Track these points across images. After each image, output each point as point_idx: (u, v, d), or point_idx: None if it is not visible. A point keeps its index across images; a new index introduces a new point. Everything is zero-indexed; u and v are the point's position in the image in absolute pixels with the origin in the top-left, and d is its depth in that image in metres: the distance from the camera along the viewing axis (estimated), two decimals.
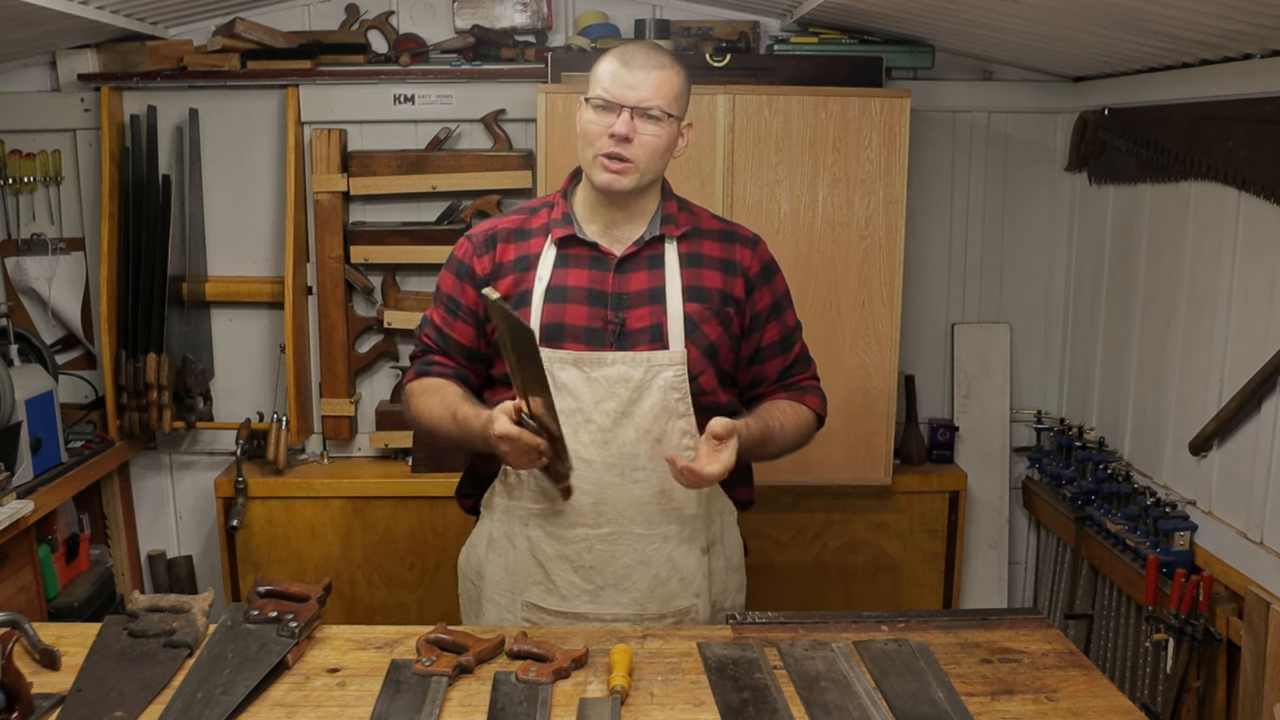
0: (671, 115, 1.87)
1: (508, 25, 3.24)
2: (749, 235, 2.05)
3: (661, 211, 1.97)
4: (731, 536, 2.10)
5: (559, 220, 1.96)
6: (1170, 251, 2.81)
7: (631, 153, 1.85)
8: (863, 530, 3.31)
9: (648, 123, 1.85)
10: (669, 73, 1.87)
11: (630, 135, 1.84)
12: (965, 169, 3.40)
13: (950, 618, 1.98)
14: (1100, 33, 2.48)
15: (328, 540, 3.27)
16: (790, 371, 2.06)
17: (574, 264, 1.94)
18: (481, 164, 3.25)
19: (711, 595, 2.03)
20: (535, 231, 1.99)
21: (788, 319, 2.06)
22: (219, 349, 3.44)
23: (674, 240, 1.96)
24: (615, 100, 1.84)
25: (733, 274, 1.98)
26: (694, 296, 1.94)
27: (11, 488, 2.73)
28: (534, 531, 1.99)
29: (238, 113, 3.29)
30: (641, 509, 1.95)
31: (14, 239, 3.30)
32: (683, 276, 1.95)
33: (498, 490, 2.04)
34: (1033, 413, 3.46)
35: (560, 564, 1.97)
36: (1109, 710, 1.59)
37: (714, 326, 1.95)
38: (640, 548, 1.96)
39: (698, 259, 1.97)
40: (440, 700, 1.57)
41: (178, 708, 1.52)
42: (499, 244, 1.99)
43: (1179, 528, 2.61)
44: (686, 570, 2.00)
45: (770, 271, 2.04)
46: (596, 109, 1.87)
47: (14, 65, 3.24)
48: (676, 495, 1.96)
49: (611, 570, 1.96)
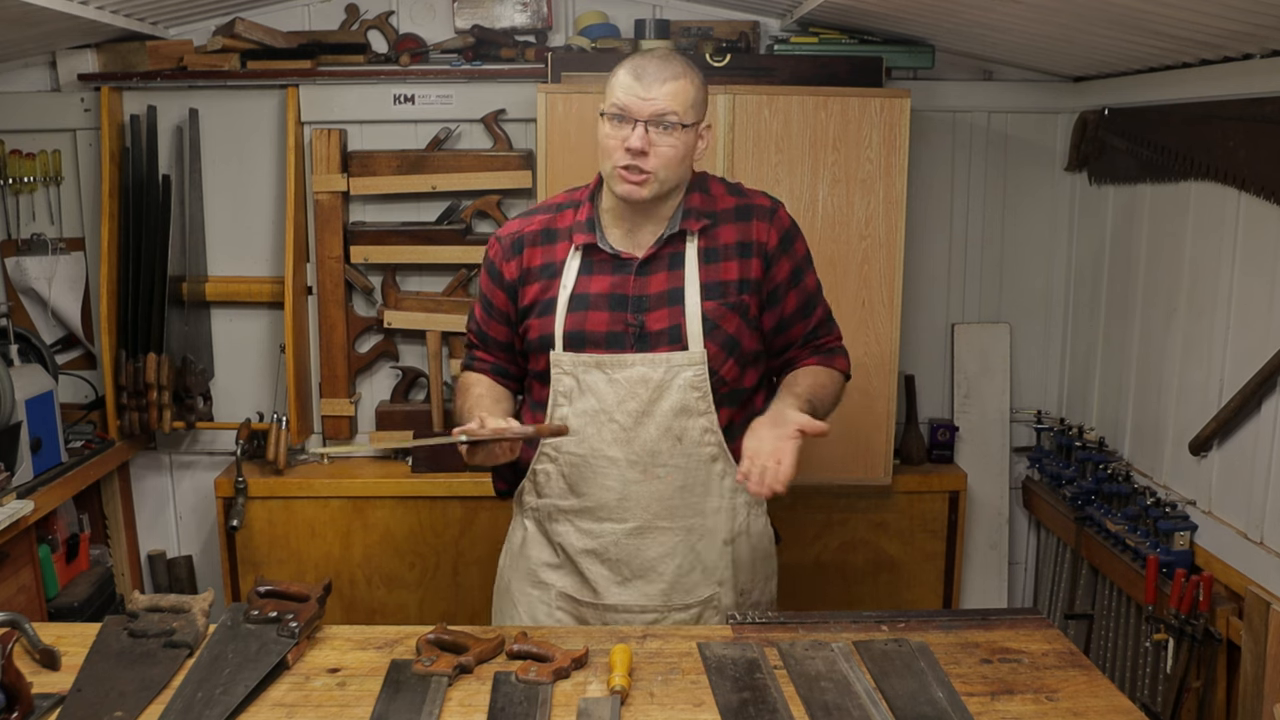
0: (687, 125, 1.90)
1: (508, 25, 3.24)
2: (766, 205, 2.04)
3: (684, 205, 1.99)
4: (758, 526, 2.12)
5: (583, 225, 2.00)
6: (1170, 251, 2.81)
7: (649, 164, 1.88)
8: (863, 530, 3.31)
9: (663, 133, 1.88)
10: (682, 82, 1.89)
11: (645, 148, 1.87)
12: (965, 169, 3.40)
13: (950, 618, 1.98)
14: (1100, 33, 2.48)
15: (328, 540, 3.26)
16: (815, 335, 2.09)
17: (597, 270, 1.98)
18: (481, 164, 3.25)
19: (738, 585, 2.08)
20: (561, 234, 2.02)
21: (808, 283, 2.07)
22: (219, 349, 3.44)
23: (694, 235, 1.99)
24: (629, 113, 1.87)
25: (748, 255, 2.00)
26: (711, 293, 1.97)
27: (11, 488, 2.73)
28: (563, 527, 2.05)
29: (238, 113, 3.29)
30: (665, 504, 2.00)
31: (14, 239, 3.30)
32: (701, 274, 1.97)
33: (527, 489, 2.10)
34: (1033, 413, 3.46)
35: (589, 558, 2.04)
36: (1109, 710, 1.59)
37: (732, 319, 1.98)
38: (665, 540, 2.02)
39: (715, 253, 2.00)
40: (440, 700, 1.57)
41: (178, 708, 1.52)
42: (525, 248, 2.03)
43: (1179, 528, 2.61)
44: (709, 561, 2.05)
45: (789, 239, 2.04)
46: (612, 122, 1.89)
47: (14, 65, 3.24)
48: (697, 490, 2.01)
49: (638, 563, 2.03)
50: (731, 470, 2.03)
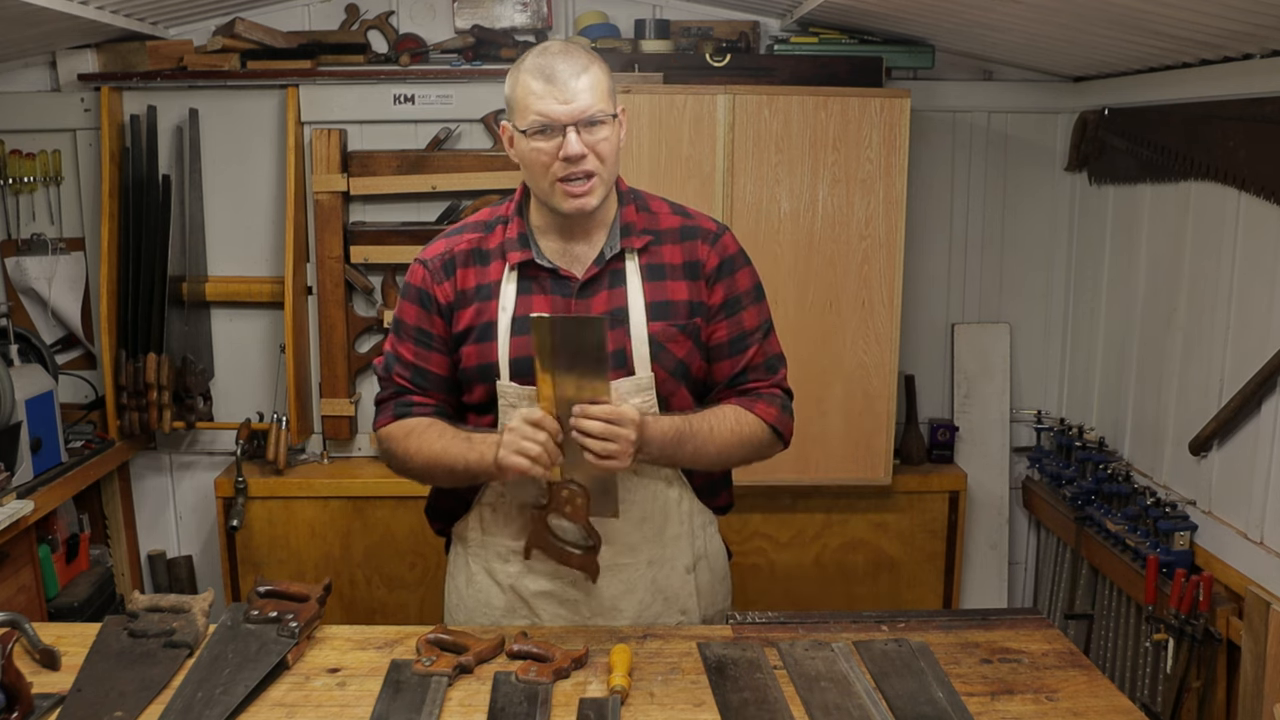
0: (614, 115, 1.77)
1: (508, 25, 3.24)
2: (710, 229, 1.89)
3: (620, 220, 1.85)
4: (714, 546, 2.02)
5: (515, 242, 1.84)
6: (1170, 251, 2.81)
7: (591, 166, 1.74)
8: (863, 530, 3.31)
9: (594, 129, 1.73)
10: (594, 70, 1.75)
11: (584, 151, 1.72)
12: (965, 169, 3.40)
13: (950, 618, 1.98)
14: (1100, 33, 2.48)
15: (328, 540, 3.26)
16: (744, 377, 1.89)
17: (536, 290, 1.82)
18: (481, 164, 3.25)
19: (701, 610, 1.98)
20: (493, 253, 1.86)
21: (744, 319, 1.88)
22: (219, 349, 3.44)
23: (635, 253, 1.84)
24: (554, 120, 1.71)
25: (696, 277, 1.86)
26: (659, 314, 1.83)
27: (11, 488, 2.73)
28: (514, 568, 1.91)
29: (238, 113, 3.28)
30: (625, 539, 1.88)
31: (14, 239, 3.30)
32: (645, 292, 1.82)
33: (471, 524, 1.95)
34: (1033, 413, 3.46)
35: (545, 600, 1.91)
36: (1109, 710, 1.59)
37: (681, 343, 1.84)
38: (625, 577, 1.90)
39: (660, 270, 1.85)
40: (440, 700, 1.57)
41: (178, 708, 1.52)
42: (458, 269, 1.86)
43: (1179, 528, 2.61)
44: (670, 591, 1.94)
45: (729, 267, 1.87)
46: (536, 135, 1.72)
47: (14, 65, 3.24)
48: (657, 520, 1.90)
49: (597, 602, 1.90)
50: (689, 495, 1.94)
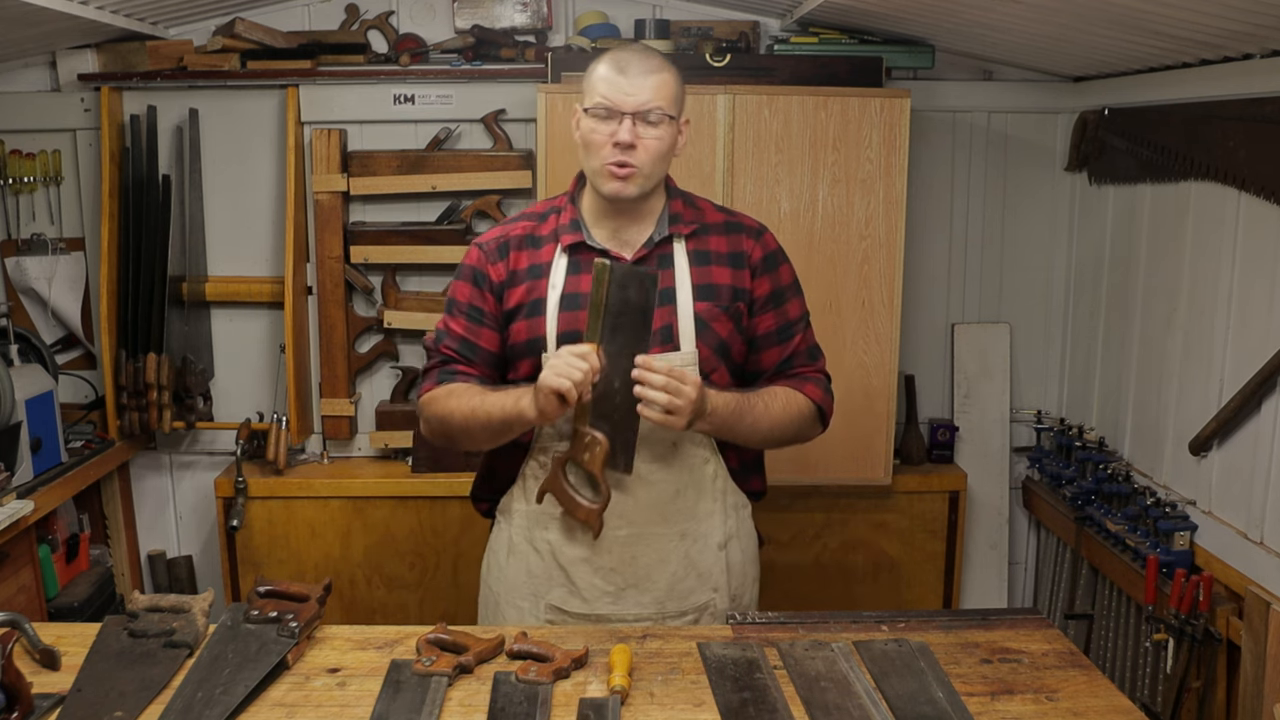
0: (672, 117, 1.90)
1: (508, 25, 3.24)
2: (753, 225, 2.06)
3: (668, 210, 1.99)
4: (746, 529, 2.12)
5: (567, 226, 1.98)
6: (1170, 251, 2.81)
7: (636, 158, 1.87)
8: (863, 530, 3.31)
9: (649, 127, 1.87)
10: (665, 75, 1.89)
11: (634, 141, 1.86)
12: (965, 169, 3.40)
13: (950, 618, 1.98)
14: (1100, 33, 2.48)
15: (328, 540, 3.26)
16: (789, 364, 2.04)
17: (586, 270, 1.93)
18: (482, 164, 3.25)
19: (730, 589, 2.06)
20: (545, 238, 1.99)
21: (789, 310, 2.04)
22: (219, 349, 3.44)
23: (682, 239, 1.98)
24: (615, 107, 1.86)
25: (740, 266, 2.00)
26: (704, 295, 1.96)
27: (11, 488, 2.73)
28: (554, 535, 2.01)
29: (238, 113, 3.28)
30: (659, 509, 1.98)
31: (14, 239, 3.30)
32: (692, 275, 1.96)
33: (516, 495, 2.06)
34: (1033, 413, 3.46)
35: (582, 566, 2.00)
36: (1109, 710, 1.59)
37: (724, 324, 1.97)
38: (659, 547, 2.00)
39: (706, 256, 1.99)
40: (440, 700, 1.57)
41: (178, 708, 1.52)
42: (511, 251, 1.99)
43: (1179, 528, 2.61)
44: (703, 566, 2.03)
45: (773, 261, 2.04)
46: (597, 118, 1.88)
47: (14, 65, 3.24)
48: (691, 494, 2.00)
49: (632, 571, 2.00)
50: (724, 474, 2.03)
